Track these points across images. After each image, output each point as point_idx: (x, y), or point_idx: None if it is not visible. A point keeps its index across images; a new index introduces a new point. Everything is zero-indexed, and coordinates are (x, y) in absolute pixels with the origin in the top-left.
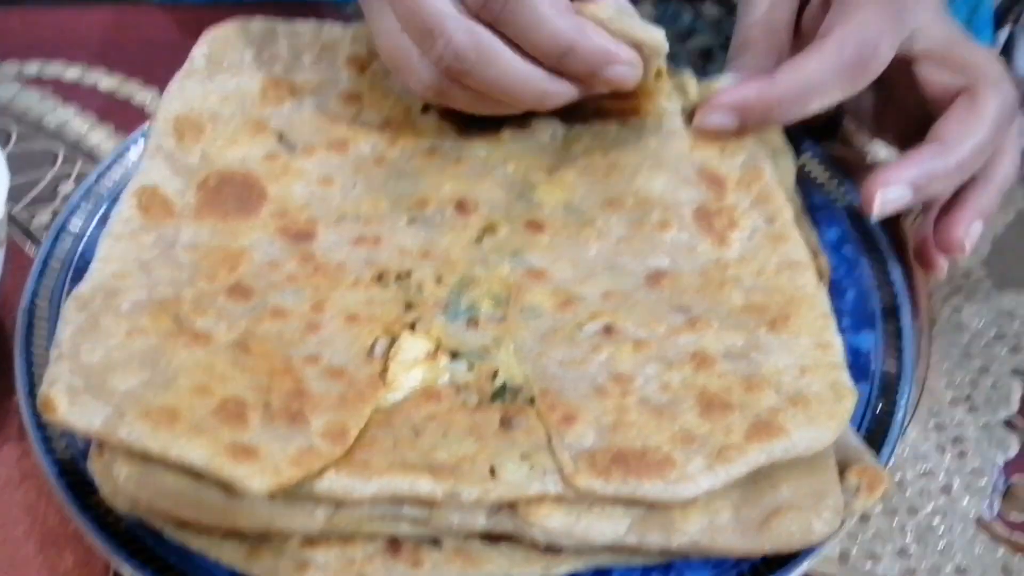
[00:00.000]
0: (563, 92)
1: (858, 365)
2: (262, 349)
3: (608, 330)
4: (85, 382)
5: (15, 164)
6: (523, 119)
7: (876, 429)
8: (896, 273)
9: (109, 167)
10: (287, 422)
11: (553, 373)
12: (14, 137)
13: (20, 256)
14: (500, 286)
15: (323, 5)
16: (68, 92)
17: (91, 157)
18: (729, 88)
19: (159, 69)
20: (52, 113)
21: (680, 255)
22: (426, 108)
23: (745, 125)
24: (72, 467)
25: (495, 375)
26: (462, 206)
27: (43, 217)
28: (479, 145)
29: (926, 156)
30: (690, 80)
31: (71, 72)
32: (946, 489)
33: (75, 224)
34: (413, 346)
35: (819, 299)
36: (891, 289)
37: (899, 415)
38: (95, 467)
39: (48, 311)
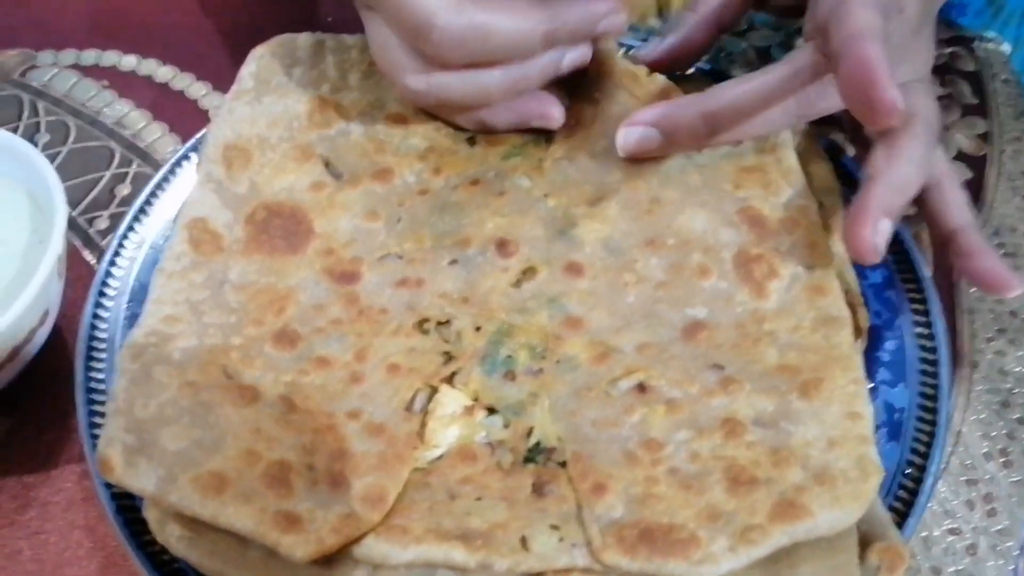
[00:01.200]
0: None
1: (891, 423)
2: (307, 405)
3: (642, 388)
4: (139, 440)
5: (73, 162)
6: (568, 146)
7: (903, 496)
8: (940, 325)
9: (160, 184)
10: (329, 486)
11: (586, 434)
12: (73, 133)
13: (80, 264)
14: (538, 336)
15: None
16: (124, 84)
17: (146, 157)
18: (648, 106)
19: (210, 59)
20: (109, 107)
21: (718, 305)
22: (471, 137)
23: (672, 143)
24: (130, 500)
25: (530, 433)
26: (503, 246)
27: (101, 223)
28: (521, 174)
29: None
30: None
31: (126, 62)
32: (972, 549)
33: (131, 245)
34: (451, 400)
35: (853, 361)
36: (932, 342)
37: (928, 483)
38: (150, 515)
39: (108, 334)
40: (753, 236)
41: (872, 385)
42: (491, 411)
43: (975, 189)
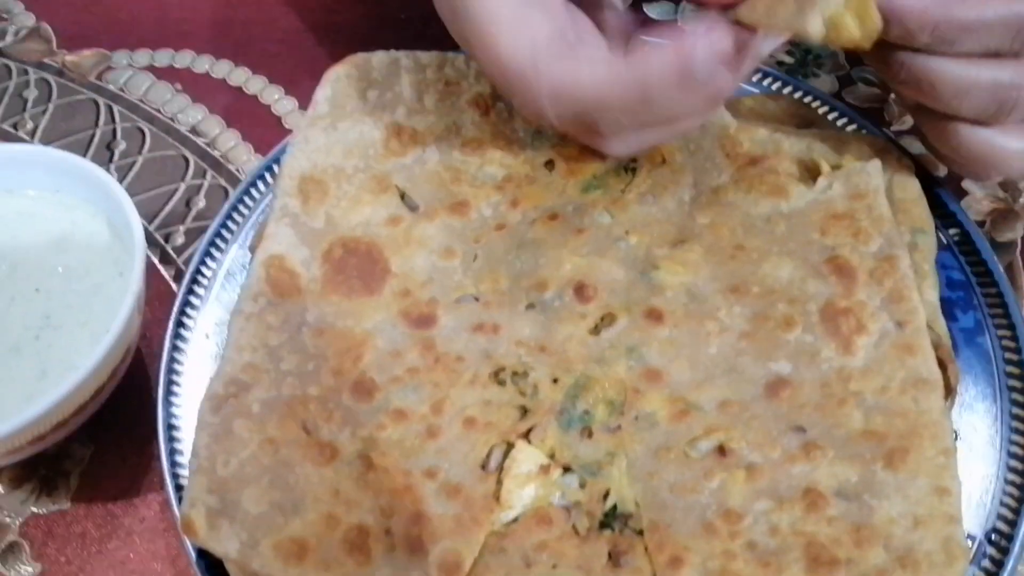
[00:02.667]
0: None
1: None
2: (384, 462)
3: (722, 451)
4: (221, 501)
5: (149, 172)
6: (651, 182)
7: (987, 566)
8: None
9: (235, 206)
10: (407, 552)
11: (664, 499)
12: (148, 141)
13: (158, 281)
14: (616, 389)
15: None
16: (197, 87)
17: (219, 167)
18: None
19: (282, 59)
20: (183, 113)
21: (802, 361)
22: (549, 162)
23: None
24: None
25: (606, 495)
26: (581, 290)
27: (178, 238)
28: (602, 209)
29: None
30: (822, 160)
31: (200, 63)
32: None
33: (207, 272)
34: (527, 458)
35: (943, 428)
36: None
37: (1014, 550)
38: (231, 569)
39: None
40: (841, 288)
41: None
42: (567, 469)
43: None
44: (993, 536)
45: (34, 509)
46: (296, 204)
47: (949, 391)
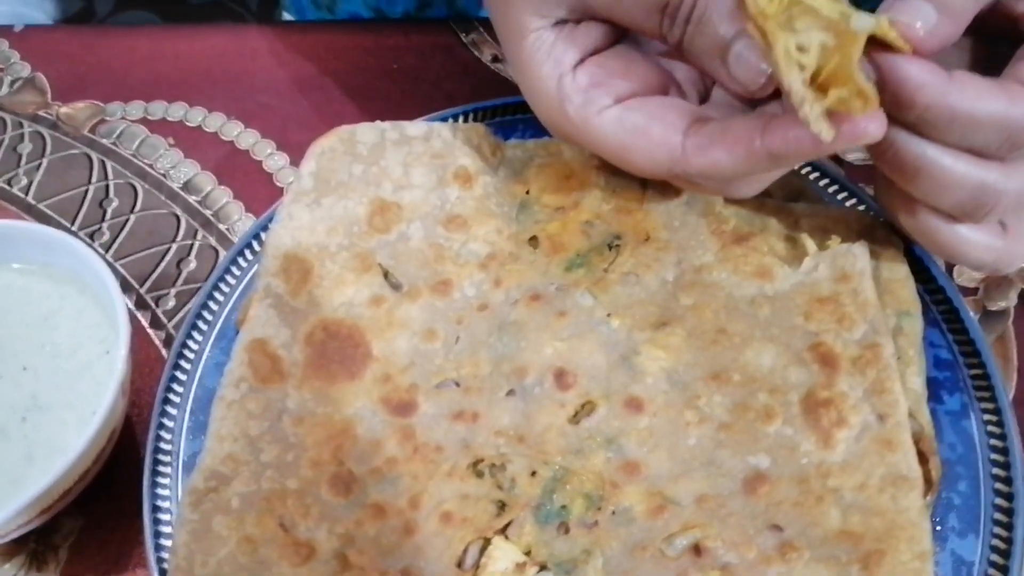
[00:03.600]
0: None
1: None
2: (361, 561)
3: (697, 550)
4: None
5: (140, 231)
6: (635, 260)
7: None
8: (1018, 466)
9: (223, 275)
10: None
11: None
12: (140, 199)
13: (148, 346)
14: (593, 483)
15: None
16: (190, 142)
17: (210, 226)
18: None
19: (274, 111)
20: (175, 169)
21: (781, 455)
22: (533, 238)
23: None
24: None
25: None
26: (561, 377)
27: (168, 301)
28: (584, 290)
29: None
30: (808, 240)
31: (193, 115)
32: None
33: (193, 346)
34: (504, 555)
35: (921, 529)
36: (1010, 486)
37: None
38: None
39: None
40: (823, 377)
41: (939, 530)
42: (543, 567)
43: None
44: None
45: None
46: (279, 284)
47: (930, 485)
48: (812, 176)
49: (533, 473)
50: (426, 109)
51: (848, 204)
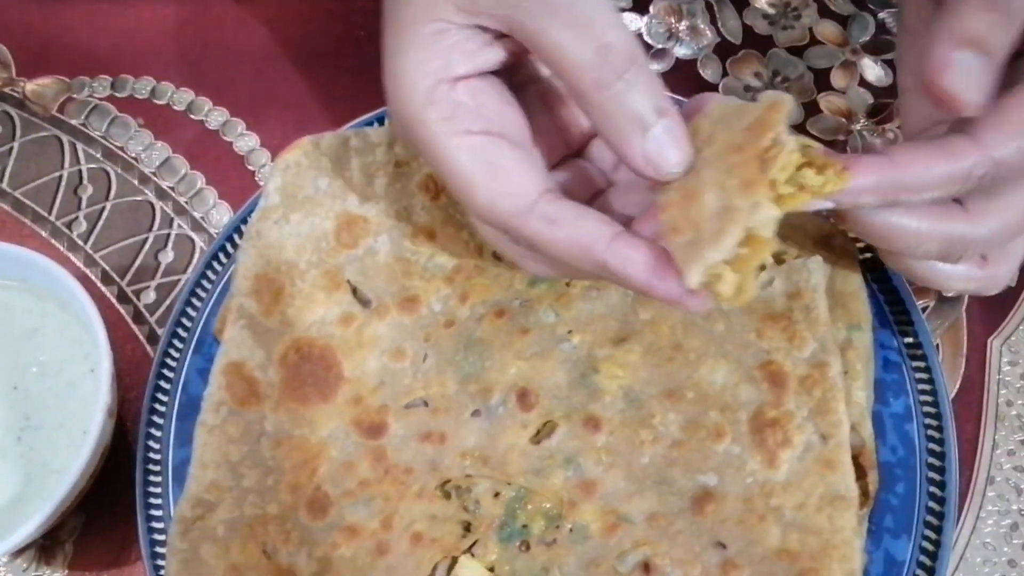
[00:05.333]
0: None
1: None
2: None
3: (647, 568)
4: None
5: (116, 221)
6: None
7: None
8: (952, 472)
9: (199, 280)
10: None
11: None
12: (114, 185)
13: (133, 343)
14: (552, 501)
15: None
16: (160, 122)
17: (184, 213)
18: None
19: (243, 84)
20: (146, 153)
21: (728, 473)
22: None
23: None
24: None
25: None
26: (524, 397)
27: (149, 295)
28: (547, 306)
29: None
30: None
31: (161, 90)
32: None
33: (175, 354)
34: (470, 573)
35: (852, 549)
36: (943, 491)
37: None
38: None
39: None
40: (772, 396)
41: (874, 531)
42: None
43: None
44: None
45: None
46: (252, 304)
47: (866, 499)
48: None
49: (496, 494)
50: None
51: None
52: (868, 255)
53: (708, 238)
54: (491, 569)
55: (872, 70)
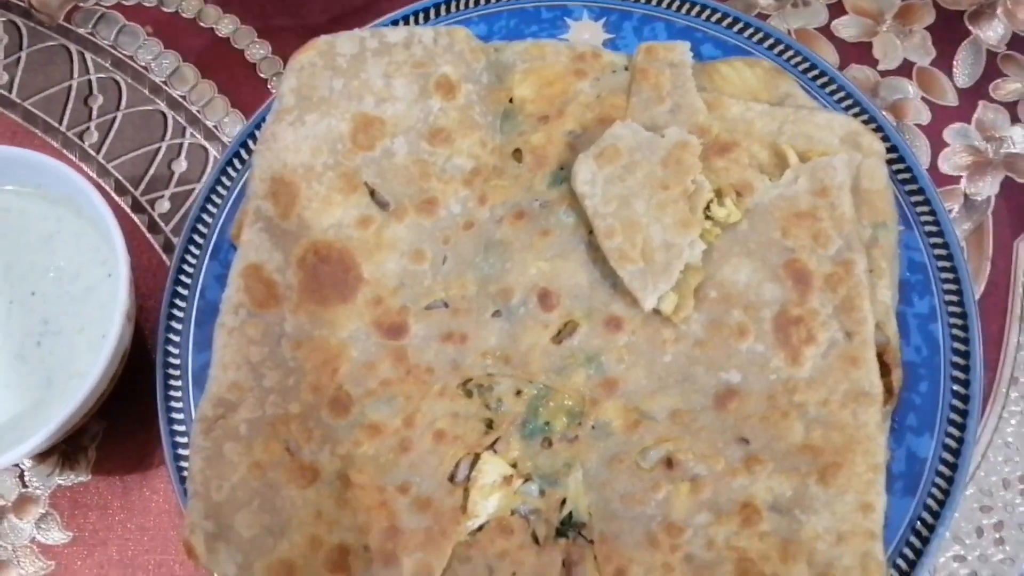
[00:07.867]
0: None
1: (911, 474)
2: (361, 480)
3: (669, 463)
4: (217, 526)
5: (128, 130)
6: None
7: (913, 547)
8: (977, 370)
9: (214, 186)
10: (383, 565)
11: (614, 510)
12: (125, 95)
13: (149, 252)
14: (574, 399)
15: None
16: (169, 30)
17: (197, 123)
18: None
19: None
20: (156, 61)
21: (752, 371)
22: (517, 151)
23: None
24: None
25: (563, 503)
26: (545, 298)
27: (163, 204)
28: (567, 207)
29: None
30: (790, 152)
31: (168, 1)
32: None
33: (191, 260)
34: (492, 469)
35: (876, 443)
36: (967, 389)
37: (934, 544)
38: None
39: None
40: (796, 294)
41: (897, 429)
42: (527, 479)
43: None
44: (916, 527)
45: (59, 481)
46: (268, 207)
47: (891, 396)
48: (801, 68)
49: (518, 392)
50: None
51: (837, 98)
52: (895, 154)
53: (659, 271)
54: (513, 465)
55: None
